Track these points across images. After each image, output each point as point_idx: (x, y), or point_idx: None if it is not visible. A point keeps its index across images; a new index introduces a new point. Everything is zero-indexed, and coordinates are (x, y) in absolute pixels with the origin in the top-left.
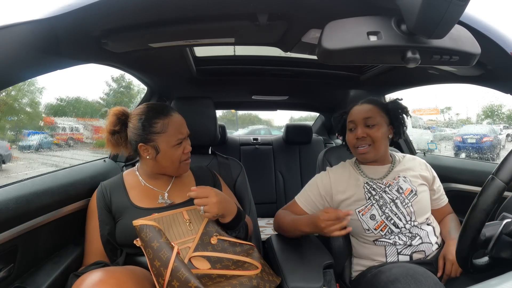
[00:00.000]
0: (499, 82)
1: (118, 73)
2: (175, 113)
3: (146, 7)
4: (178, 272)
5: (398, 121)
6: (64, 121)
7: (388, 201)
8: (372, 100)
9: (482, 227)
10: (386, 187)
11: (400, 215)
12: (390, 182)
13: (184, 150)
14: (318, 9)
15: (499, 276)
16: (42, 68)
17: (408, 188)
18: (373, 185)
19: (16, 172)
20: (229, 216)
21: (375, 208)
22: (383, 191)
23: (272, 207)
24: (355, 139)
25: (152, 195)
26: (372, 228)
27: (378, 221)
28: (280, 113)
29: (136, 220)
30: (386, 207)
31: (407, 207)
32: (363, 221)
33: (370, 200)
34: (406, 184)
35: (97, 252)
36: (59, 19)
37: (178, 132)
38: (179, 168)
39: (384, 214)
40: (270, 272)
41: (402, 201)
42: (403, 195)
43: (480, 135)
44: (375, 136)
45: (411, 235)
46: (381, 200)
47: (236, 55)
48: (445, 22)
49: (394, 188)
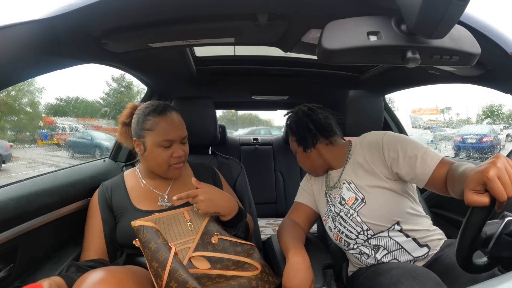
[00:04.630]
0: (499, 82)
1: (118, 73)
2: (172, 114)
3: (146, 7)
4: (176, 273)
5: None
6: (64, 121)
7: (335, 214)
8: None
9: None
10: (333, 200)
11: (349, 227)
12: (335, 195)
13: (173, 154)
14: (318, 9)
15: (499, 276)
16: (42, 68)
17: (351, 197)
18: (329, 194)
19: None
20: (229, 214)
21: (330, 220)
22: (332, 205)
23: (272, 207)
24: None
25: (152, 197)
26: (333, 239)
27: (334, 233)
28: (280, 113)
29: (134, 221)
30: (336, 220)
31: (353, 218)
32: (327, 227)
33: (327, 212)
34: (349, 192)
35: (97, 250)
36: (59, 19)
37: (167, 133)
38: (168, 172)
39: (336, 227)
40: (270, 273)
41: (346, 213)
42: (346, 206)
43: (480, 135)
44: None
45: (372, 247)
46: (331, 213)
47: (236, 55)
48: (445, 22)
49: (337, 200)
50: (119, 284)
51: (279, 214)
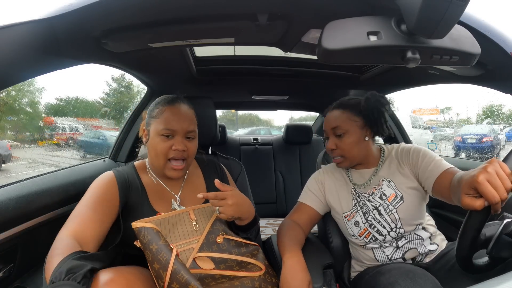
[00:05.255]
0: (499, 82)
1: (118, 73)
2: (180, 105)
3: (146, 7)
4: (178, 275)
5: (373, 119)
6: (64, 121)
7: (371, 209)
8: (341, 104)
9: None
10: (370, 195)
11: (383, 222)
12: (373, 190)
13: (173, 146)
14: (318, 9)
15: (499, 276)
16: (42, 68)
17: (392, 194)
18: (359, 191)
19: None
20: (247, 219)
21: (359, 215)
22: (366, 199)
23: (272, 207)
24: (329, 149)
25: (165, 197)
26: (357, 235)
27: (362, 228)
28: (280, 113)
29: (135, 222)
30: (369, 215)
31: (391, 214)
32: (348, 226)
33: (355, 207)
34: (389, 189)
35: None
36: (59, 19)
37: (168, 122)
38: (165, 167)
39: (367, 221)
40: (274, 274)
41: (386, 208)
42: (386, 201)
43: (480, 135)
44: (343, 147)
45: (397, 245)
46: (364, 207)
47: (236, 55)
48: (445, 22)
49: (377, 195)
50: (128, 285)
51: (279, 214)
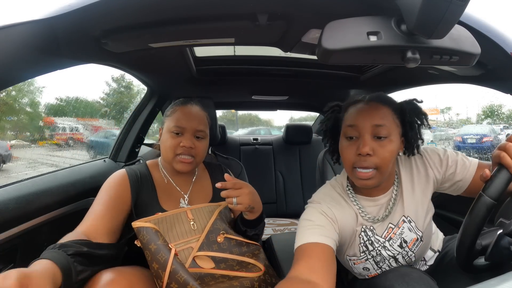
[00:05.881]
0: (499, 82)
1: (118, 73)
2: (191, 106)
3: (146, 7)
4: (176, 275)
5: (413, 131)
6: (64, 121)
7: (387, 258)
8: (383, 99)
9: (476, 239)
10: (386, 241)
11: (396, 265)
12: (391, 235)
13: (181, 143)
14: (318, 9)
15: (499, 276)
16: (42, 68)
17: (413, 239)
18: (371, 236)
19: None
20: (257, 211)
21: (370, 263)
22: (381, 247)
23: (272, 207)
24: (356, 155)
25: (174, 196)
26: (365, 275)
27: (372, 273)
28: (280, 113)
29: (135, 221)
30: (384, 263)
31: (409, 258)
32: (354, 267)
33: (364, 254)
34: (411, 233)
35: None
36: (59, 19)
37: (178, 120)
38: (173, 161)
39: (380, 269)
40: (274, 274)
41: (405, 255)
42: (406, 248)
43: (480, 135)
44: (383, 155)
45: None
46: (378, 256)
47: (236, 55)
48: (445, 22)
49: (395, 242)
50: (129, 285)
51: (279, 214)
